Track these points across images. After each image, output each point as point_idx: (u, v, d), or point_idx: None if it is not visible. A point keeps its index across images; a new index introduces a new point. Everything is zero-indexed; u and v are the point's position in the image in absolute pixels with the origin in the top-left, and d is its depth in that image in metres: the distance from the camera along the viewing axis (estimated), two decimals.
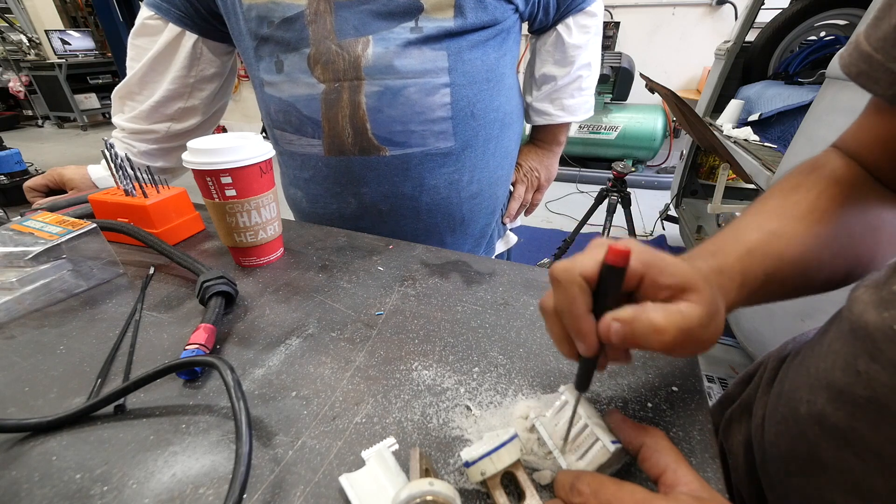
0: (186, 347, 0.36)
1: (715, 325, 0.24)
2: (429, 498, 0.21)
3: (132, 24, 0.65)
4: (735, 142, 1.55)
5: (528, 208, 0.84)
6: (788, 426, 0.32)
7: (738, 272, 0.29)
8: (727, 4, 3.08)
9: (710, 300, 0.24)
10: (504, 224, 0.82)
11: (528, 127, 0.82)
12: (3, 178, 0.72)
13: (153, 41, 0.64)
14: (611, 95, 3.17)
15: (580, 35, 0.68)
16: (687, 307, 0.23)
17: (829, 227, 0.31)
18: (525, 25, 0.68)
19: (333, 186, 0.63)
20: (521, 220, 0.88)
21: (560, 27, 0.68)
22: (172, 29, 0.63)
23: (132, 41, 0.65)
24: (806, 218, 0.31)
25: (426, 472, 0.26)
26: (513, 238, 0.87)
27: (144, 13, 0.63)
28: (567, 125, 0.79)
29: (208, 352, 0.36)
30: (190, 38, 0.64)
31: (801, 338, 0.40)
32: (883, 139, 0.32)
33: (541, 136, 0.82)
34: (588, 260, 0.24)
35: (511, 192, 0.80)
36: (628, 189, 1.75)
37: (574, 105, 0.74)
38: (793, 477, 0.31)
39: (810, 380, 0.30)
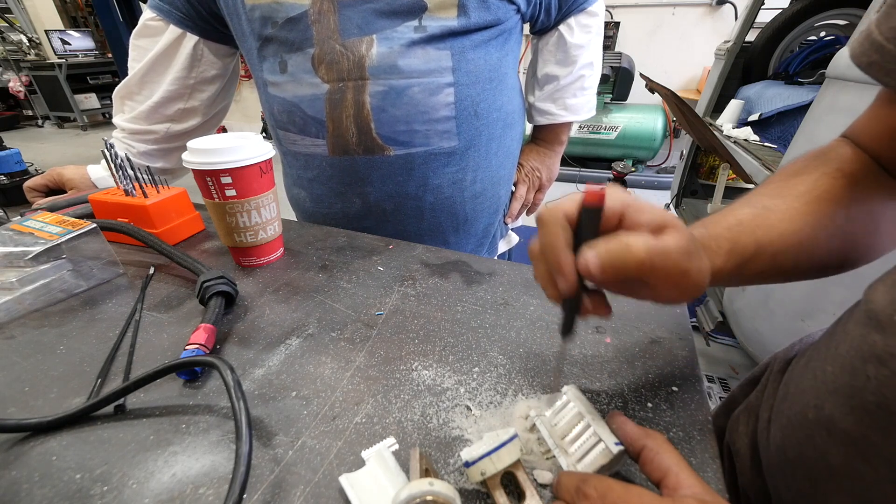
0: (186, 347, 0.36)
1: (696, 265, 0.25)
2: (429, 498, 0.21)
3: (132, 25, 0.65)
4: (735, 142, 1.55)
5: (530, 208, 0.84)
6: (795, 430, 0.31)
7: (726, 239, 0.29)
8: (727, 4, 3.08)
9: (689, 237, 0.25)
10: (506, 224, 0.82)
11: (529, 127, 0.82)
12: (3, 178, 0.72)
13: (154, 42, 0.64)
14: (611, 95, 3.17)
15: (582, 35, 0.68)
16: (662, 235, 0.24)
17: (826, 206, 0.31)
18: (526, 26, 0.68)
19: (338, 186, 0.64)
20: (523, 220, 0.88)
21: (562, 27, 0.68)
22: (173, 30, 0.63)
23: (134, 42, 0.66)
24: (803, 196, 0.31)
25: (426, 472, 0.26)
26: (514, 238, 0.88)
27: (146, 14, 0.64)
28: (569, 125, 0.79)
29: (208, 352, 0.36)
30: (191, 39, 0.64)
31: (807, 339, 0.40)
32: (892, 130, 0.31)
33: (543, 136, 0.82)
34: (569, 202, 0.26)
35: (513, 192, 0.80)
36: (628, 189, 1.75)
37: (576, 104, 0.74)
38: (799, 482, 0.31)
39: (817, 383, 0.30)
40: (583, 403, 0.27)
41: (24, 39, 5.01)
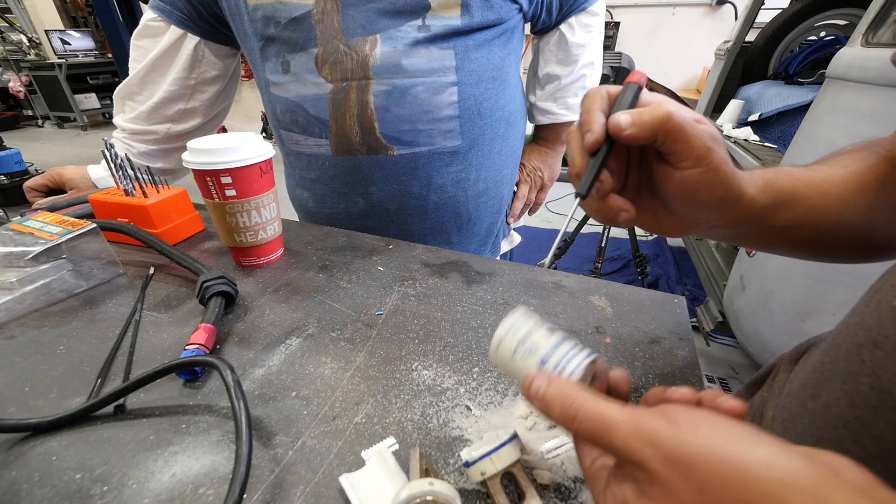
0: (186, 347, 0.36)
1: (723, 155, 0.26)
2: (429, 498, 0.21)
3: (132, 24, 0.66)
4: (735, 142, 1.55)
5: (532, 208, 0.84)
6: (795, 423, 0.31)
7: (761, 176, 0.29)
8: (727, 4, 3.08)
9: (721, 136, 0.26)
10: (508, 223, 0.82)
11: (530, 126, 0.82)
12: (3, 178, 0.72)
13: (155, 42, 0.64)
14: None
15: (583, 34, 0.69)
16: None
17: (873, 181, 0.30)
18: (527, 26, 0.68)
19: (341, 186, 0.64)
20: (525, 220, 0.88)
21: (563, 27, 0.68)
22: (174, 31, 0.63)
23: (135, 42, 0.66)
24: (849, 166, 0.31)
25: (426, 472, 0.26)
26: (517, 238, 0.88)
27: (148, 15, 0.64)
28: (570, 124, 0.79)
29: (208, 352, 0.36)
30: (192, 40, 0.64)
31: (813, 339, 0.40)
32: None
33: (544, 136, 0.82)
34: (613, 86, 0.28)
35: (515, 192, 0.80)
36: None
37: (578, 104, 0.74)
38: None
39: (815, 374, 0.30)
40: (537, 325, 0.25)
41: (24, 39, 5.02)
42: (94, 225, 0.49)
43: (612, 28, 3.34)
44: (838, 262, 0.36)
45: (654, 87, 1.67)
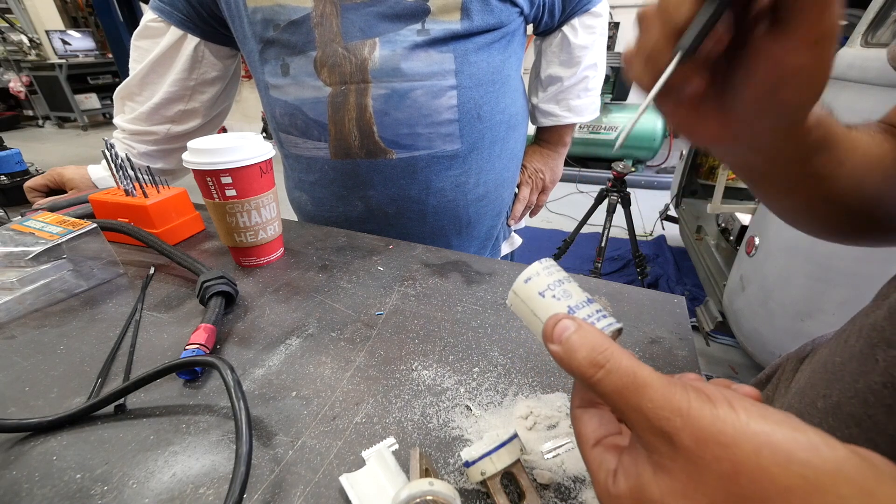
0: (186, 347, 0.36)
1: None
2: (429, 498, 0.21)
3: (132, 25, 0.66)
4: None
5: (533, 210, 0.84)
6: (804, 422, 0.31)
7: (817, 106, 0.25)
8: None
9: None
10: (509, 226, 0.82)
11: (532, 128, 0.82)
12: (3, 178, 0.72)
13: (155, 43, 0.64)
14: (611, 95, 3.17)
15: (586, 36, 0.68)
16: None
17: (884, 148, 0.29)
18: (529, 28, 0.68)
19: (339, 189, 0.64)
20: (525, 222, 0.88)
21: (566, 28, 0.68)
22: (174, 32, 0.63)
23: (135, 42, 0.66)
24: (864, 131, 0.30)
25: (426, 472, 0.26)
26: (517, 240, 0.87)
27: (148, 16, 0.64)
28: (573, 126, 0.79)
29: (208, 352, 0.36)
30: (192, 41, 0.64)
31: (820, 339, 0.40)
32: None
33: (546, 138, 0.82)
34: None
35: (516, 194, 0.80)
36: (628, 189, 1.75)
37: (580, 106, 0.74)
38: None
39: (826, 374, 0.30)
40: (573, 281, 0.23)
41: (25, 39, 5.02)
42: (95, 225, 0.49)
43: (611, 28, 3.34)
44: (841, 238, 0.34)
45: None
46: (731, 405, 0.15)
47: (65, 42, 5.04)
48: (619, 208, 1.75)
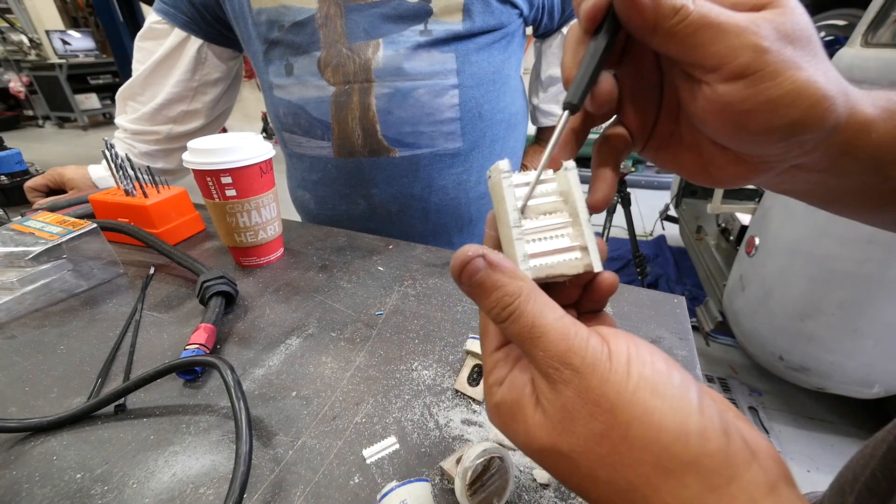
0: (186, 347, 0.36)
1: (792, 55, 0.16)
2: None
3: (133, 25, 0.66)
4: None
5: None
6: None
7: (883, 96, 0.19)
8: None
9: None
10: None
11: (532, 128, 0.82)
12: (3, 178, 0.72)
13: (159, 44, 0.65)
14: None
15: None
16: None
17: None
18: (529, 29, 0.68)
19: (342, 188, 0.64)
20: None
21: (565, 30, 0.68)
22: (178, 33, 0.64)
23: (138, 43, 0.66)
24: None
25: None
26: None
27: (152, 17, 0.64)
28: None
29: (208, 352, 0.36)
30: (195, 42, 0.64)
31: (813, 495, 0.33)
32: None
33: (546, 138, 0.82)
34: None
35: None
36: (628, 189, 1.75)
37: None
38: None
39: None
40: (579, 199, 0.20)
41: (25, 40, 5.02)
42: (95, 225, 0.49)
43: None
44: None
45: None
46: (627, 368, 0.15)
47: (65, 42, 5.04)
48: (619, 208, 1.75)
